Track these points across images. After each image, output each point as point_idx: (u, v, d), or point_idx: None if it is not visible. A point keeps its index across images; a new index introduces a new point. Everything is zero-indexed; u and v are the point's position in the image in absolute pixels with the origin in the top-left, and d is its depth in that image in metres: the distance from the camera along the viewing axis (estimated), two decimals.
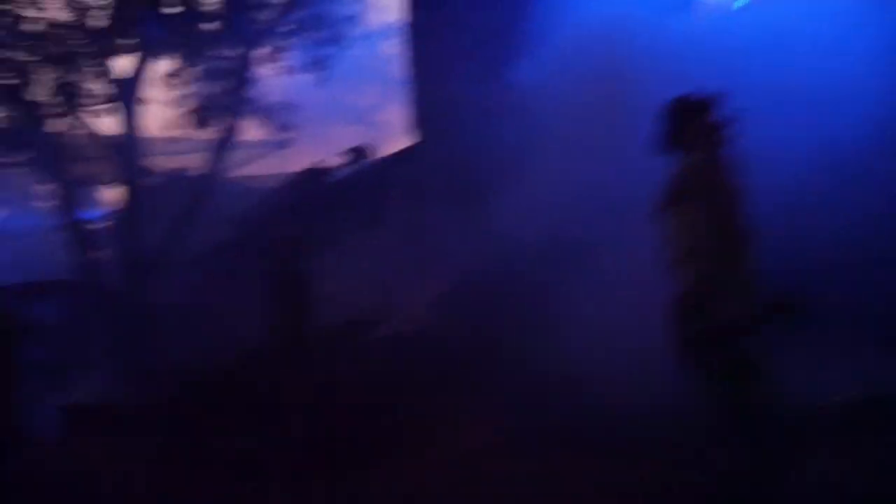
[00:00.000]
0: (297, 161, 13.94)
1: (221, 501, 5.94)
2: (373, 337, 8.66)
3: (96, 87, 12.26)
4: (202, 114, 13.06)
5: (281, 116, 13.31)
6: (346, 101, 13.24)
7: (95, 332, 12.23)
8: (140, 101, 12.36)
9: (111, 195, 16.96)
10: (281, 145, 14.08)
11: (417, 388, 7.48)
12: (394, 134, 12.32)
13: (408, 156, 11.17)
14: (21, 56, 11.68)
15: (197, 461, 7.75)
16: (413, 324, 8.62)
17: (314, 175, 11.27)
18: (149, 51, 12.25)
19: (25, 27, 11.69)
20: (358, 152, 10.92)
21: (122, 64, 12.32)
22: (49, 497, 6.27)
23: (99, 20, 11.93)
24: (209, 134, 13.18)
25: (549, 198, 7.60)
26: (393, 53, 13.47)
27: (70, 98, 11.97)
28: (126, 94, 12.13)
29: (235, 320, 10.57)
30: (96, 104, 12.41)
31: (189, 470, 7.61)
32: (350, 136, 11.87)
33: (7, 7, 11.56)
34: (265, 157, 15.37)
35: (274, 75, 13.39)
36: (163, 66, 12.90)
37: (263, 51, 12.97)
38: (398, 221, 10.07)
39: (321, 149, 13.40)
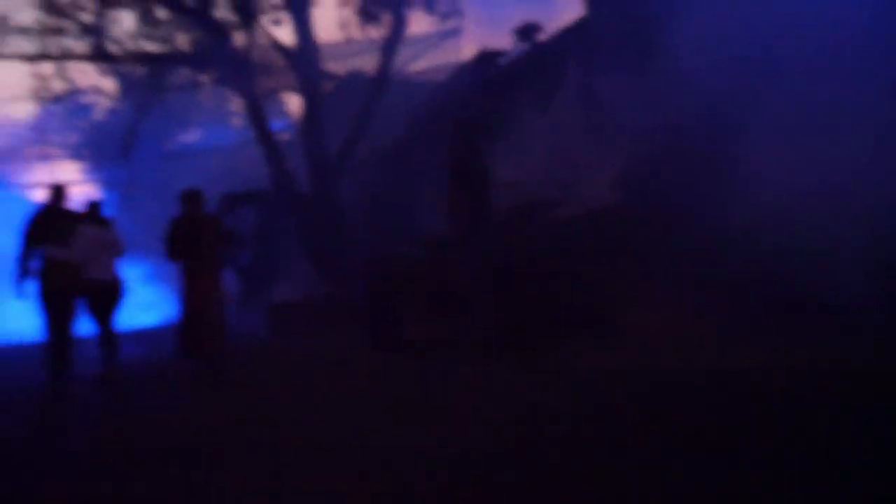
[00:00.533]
0: (467, 48, 13.76)
1: (417, 382, 6.15)
2: (557, 216, 8.45)
3: None
4: (368, 13, 13.06)
5: (445, 5, 12.99)
6: None
7: (292, 235, 12.98)
8: (310, 6, 12.51)
9: (294, 104, 17.71)
10: (449, 34, 13.80)
11: (604, 265, 7.32)
12: (564, 7, 11.60)
13: (579, 29, 10.53)
14: None
15: (393, 346, 8.15)
16: (597, 201, 8.30)
17: (486, 59, 10.99)
18: None
19: None
20: (528, 31, 10.47)
21: None
22: (260, 387, 6.77)
23: None
24: (378, 33, 13.18)
25: (726, 61, 6.94)
26: None
27: (247, 10, 12.34)
28: (297, 1, 12.33)
29: (421, 212, 10.79)
30: (272, 14, 12.76)
31: (386, 353, 8.02)
32: (518, 15, 11.28)
33: None
34: (435, 48, 15.20)
35: None
36: None
37: None
38: (576, 97, 9.60)
39: (490, 32, 13.07)
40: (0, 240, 15.52)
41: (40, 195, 7.52)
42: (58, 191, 7.37)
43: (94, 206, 7.42)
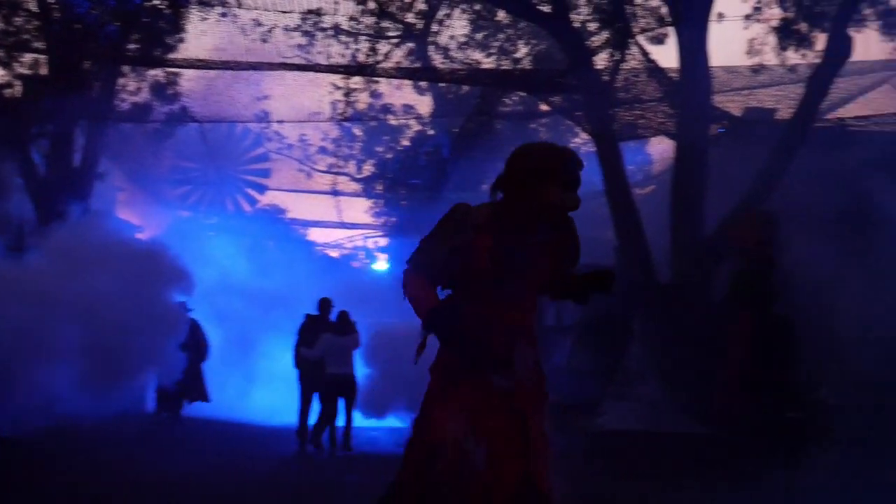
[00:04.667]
0: None
1: None
2: None
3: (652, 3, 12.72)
4: (793, 31, 12.72)
5: None
6: None
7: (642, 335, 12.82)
8: (708, 18, 12.45)
9: (660, 150, 17.74)
10: None
11: None
12: None
13: None
14: None
15: None
16: None
17: None
18: None
19: None
20: None
21: None
22: None
23: None
24: (803, 58, 12.76)
25: None
26: None
27: (623, 21, 12.59)
28: (691, 10, 12.32)
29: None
30: (651, 28, 12.92)
31: None
32: None
33: None
34: (892, 84, 14.31)
35: None
36: None
37: None
38: None
39: None
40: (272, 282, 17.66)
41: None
42: (324, 303, 13.70)
43: (342, 315, 13.23)
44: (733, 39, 13.62)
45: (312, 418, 13.24)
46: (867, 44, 12.90)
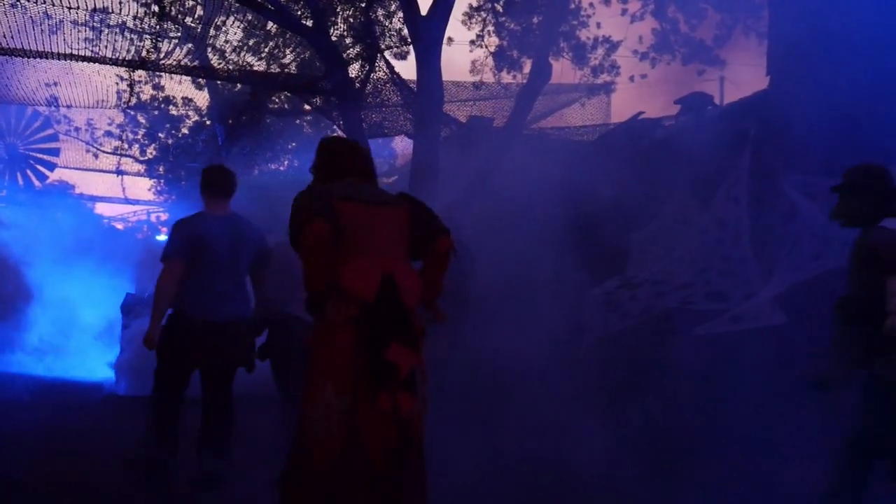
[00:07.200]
0: (619, 109, 13.85)
1: None
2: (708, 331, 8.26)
3: (396, 25, 13.09)
4: (506, 57, 13.41)
5: (601, 55, 13.18)
6: (682, 35, 12.63)
7: None
8: (442, 43, 12.91)
9: (402, 147, 18.19)
10: (600, 90, 13.96)
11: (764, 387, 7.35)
12: (743, 77, 11.55)
13: (758, 106, 10.38)
14: None
15: None
16: (755, 319, 8.05)
17: (638, 128, 11.02)
18: None
19: None
20: (696, 100, 10.45)
21: None
22: None
23: None
24: (514, 79, 13.51)
25: None
26: None
27: (372, 39, 12.86)
28: (427, 33, 12.75)
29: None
30: (395, 45, 13.28)
31: None
32: (686, 80, 11.30)
33: None
34: (580, 103, 15.40)
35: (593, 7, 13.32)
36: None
37: None
38: (744, 190, 9.39)
39: (650, 95, 13.17)
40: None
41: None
42: None
43: None
44: (461, 59, 14.25)
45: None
46: (563, 70, 13.85)
